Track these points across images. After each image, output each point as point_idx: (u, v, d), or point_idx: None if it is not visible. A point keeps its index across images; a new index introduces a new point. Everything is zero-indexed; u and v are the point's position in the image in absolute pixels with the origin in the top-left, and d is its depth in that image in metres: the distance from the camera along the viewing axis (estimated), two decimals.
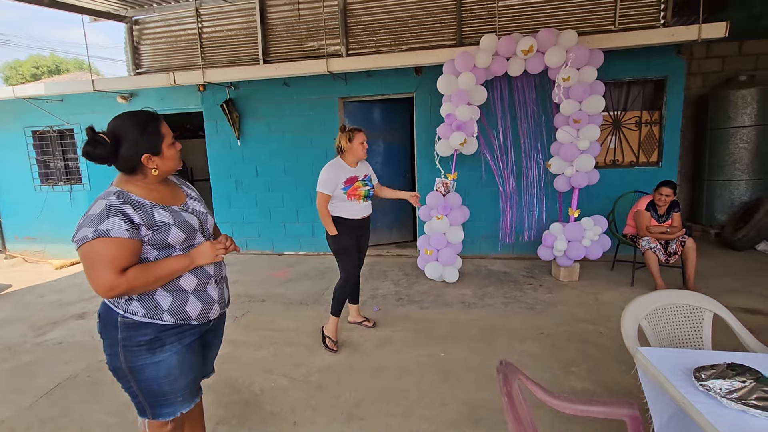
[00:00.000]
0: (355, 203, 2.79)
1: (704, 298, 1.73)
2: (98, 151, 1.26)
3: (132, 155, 1.31)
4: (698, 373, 1.20)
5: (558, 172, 4.08)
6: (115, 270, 1.21)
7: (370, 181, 2.89)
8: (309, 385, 2.49)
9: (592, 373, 2.49)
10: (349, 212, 2.80)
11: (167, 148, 1.38)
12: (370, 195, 2.88)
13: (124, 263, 1.24)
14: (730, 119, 5.01)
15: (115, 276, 1.21)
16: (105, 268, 1.21)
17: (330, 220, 2.79)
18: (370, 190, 2.86)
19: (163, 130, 1.37)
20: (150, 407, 1.40)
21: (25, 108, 5.96)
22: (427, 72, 4.82)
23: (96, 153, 1.26)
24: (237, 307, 3.79)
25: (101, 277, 1.21)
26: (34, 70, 22.83)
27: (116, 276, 1.21)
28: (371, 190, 2.88)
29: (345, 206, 2.78)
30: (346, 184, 2.74)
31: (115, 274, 1.21)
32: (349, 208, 2.79)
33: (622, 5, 4.30)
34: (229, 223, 5.76)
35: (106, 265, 1.21)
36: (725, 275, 4.07)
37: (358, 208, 2.82)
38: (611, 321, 3.16)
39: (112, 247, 1.21)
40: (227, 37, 5.34)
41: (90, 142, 1.26)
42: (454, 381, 2.47)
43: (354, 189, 2.76)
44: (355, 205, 2.80)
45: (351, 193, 2.75)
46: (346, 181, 2.74)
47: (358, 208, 2.82)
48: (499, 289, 3.99)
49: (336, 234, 2.79)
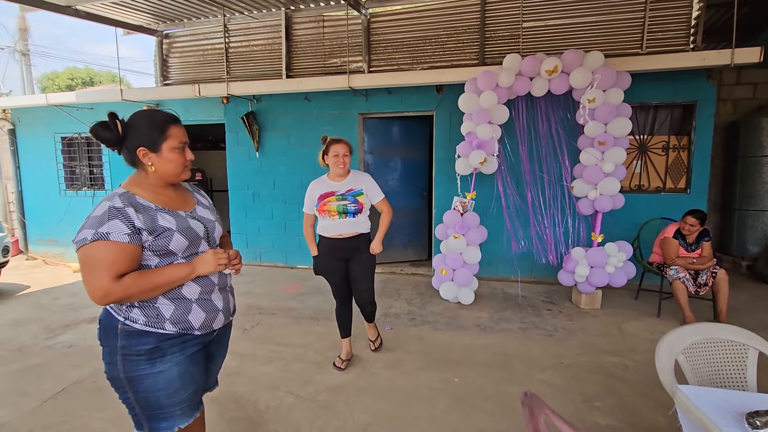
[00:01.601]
0: (327, 219, 2.62)
1: (748, 334, 1.59)
2: (104, 134, 1.26)
3: (131, 146, 1.29)
4: (752, 419, 1.07)
5: (581, 194, 3.96)
6: (112, 275, 1.17)
7: (353, 197, 2.63)
8: (316, 405, 2.38)
9: (618, 409, 2.32)
10: (322, 229, 2.68)
11: (169, 149, 1.32)
12: (350, 211, 2.62)
13: (123, 268, 1.19)
14: (763, 147, 4.82)
15: (110, 281, 1.16)
16: (101, 272, 1.16)
17: (312, 240, 2.72)
18: (348, 205, 2.61)
19: (170, 131, 1.32)
20: (147, 420, 1.33)
21: (57, 115, 6.17)
22: (448, 90, 4.81)
23: (101, 134, 1.26)
24: (247, 319, 3.73)
25: (97, 281, 1.16)
26: (70, 81, 23.87)
27: (112, 282, 1.16)
28: (351, 206, 2.61)
29: (321, 222, 2.67)
30: (318, 200, 2.63)
31: (111, 279, 1.16)
32: (322, 225, 2.68)
33: (650, 29, 4.23)
34: (244, 234, 5.77)
35: (103, 270, 1.16)
36: (759, 310, 3.83)
37: (330, 224, 2.63)
38: (637, 353, 2.98)
39: (111, 251, 1.17)
40: (252, 51, 5.45)
41: (101, 123, 1.27)
42: (469, 409, 2.34)
43: (324, 204, 2.61)
44: (327, 222, 2.64)
45: (321, 208, 2.62)
46: (319, 196, 2.63)
47: (330, 225, 2.63)
48: (517, 313, 3.84)
49: (315, 255, 2.71)
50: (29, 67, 9.09)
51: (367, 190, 2.69)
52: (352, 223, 2.65)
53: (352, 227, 2.65)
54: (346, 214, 2.62)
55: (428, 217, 5.66)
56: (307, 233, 2.74)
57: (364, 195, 2.66)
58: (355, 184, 2.67)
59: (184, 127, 1.38)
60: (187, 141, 1.38)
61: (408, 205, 5.58)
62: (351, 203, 2.62)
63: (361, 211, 2.66)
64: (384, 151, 5.42)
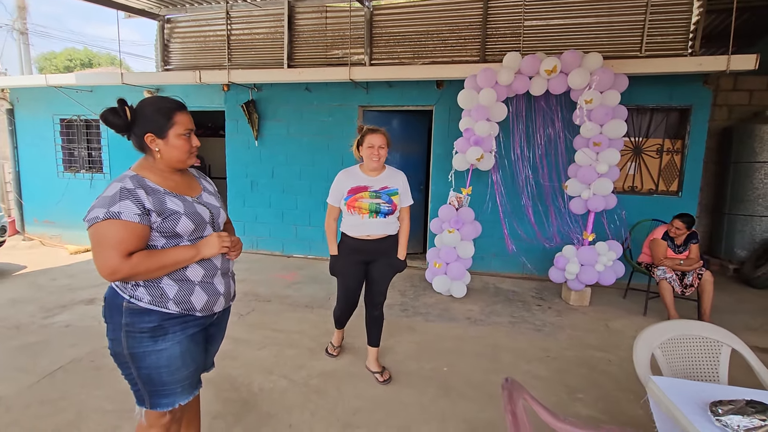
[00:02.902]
0: (356, 217, 2.35)
1: (723, 332, 1.66)
2: (113, 120, 1.31)
3: (139, 132, 1.34)
4: (714, 407, 1.15)
5: (574, 194, 4.03)
6: (121, 253, 1.22)
7: (388, 196, 2.37)
8: (308, 389, 2.46)
9: (599, 401, 2.41)
10: (348, 227, 2.40)
11: (176, 136, 1.36)
12: (383, 211, 2.35)
13: (131, 247, 1.24)
14: (756, 153, 4.91)
15: (120, 259, 1.22)
16: (111, 249, 1.21)
17: (333, 236, 2.45)
18: (382, 205, 2.34)
19: (177, 118, 1.36)
20: (149, 396, 1.38)
21: (56, 96, 6.15)
22: (449, 86, 4.85)
23: (110, 120, 1.31)
24: (243, 305, 3.80)
25: (106, 258, 1.21)
26: (68, 62, 23.60)
27: (121, 259, 1.22)
28: (385, 206, 2.35)
29: (347, 220, 2.40)
30: (348, 193, 2.35)
31: (120, 257, 1.22)
32: (348, 223, 2.40)
33: (650, 32, 4.27)
34: (242, 222, 5.81)
35: (113, 247, 1.21)
36: (742, 312, 3.93)
37: (358, 223, 2.35)
38: (621, 349, 3.07)
39: (121, 229, 1.22)
40: (254, 40, 5.45)
41: (111, 109, 1.32)
42: (456, 397, 2.42)
43: (354, 199, 2.33)
44: (355, 220, 2.36)
45: (350, 203, 2.34)
46: (350, 189, 2.35)
47: (358, 224, 2.36)
48: (507, 307, 3.93)
49: (335, 254, 2.45)
50: (27, 47, 8.99)
51: (403, 191, 2.44)
52: (383, 224, 2.38)
53: (381, 228, 2.39)
54: (377, 214, 2.35)
55: (424, 211, 5.72)
56: (329, 228, 2.46)
57: (399, 195, 2.42)
58: (391, 181, 2.40)
59: (190, 115, 1.43)
60: (193, 128, 1.43)
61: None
62: (385, 203, 2.36)
63: (394, 212, 2.41)
64: (387, 139, 5.44)
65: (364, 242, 2.39)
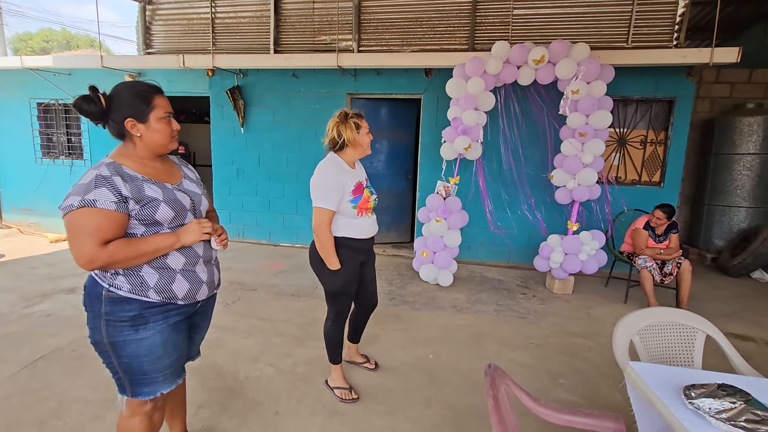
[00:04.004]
0: (365, 219, 2.08)
1: (698, 319, 1.72)
2: (88, 107, 1.27)
3: (118, 118, 1.30)
4: (688, 391, 1.19)
5: (560, 184, 4.07)
6: (98, 241, 1.20)
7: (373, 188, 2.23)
8: (294, 377, 2.47)
9: (580, 387, 2.48)
10: (357, 231, 2.06)
11: (156, 120, 1.33)
12: (375, 206, 2.18)
13: (108, 235, 1.22)
14: (735, 145, 5.02)
15: (96, 247, 1.19)
16: (87, 238, 1.19)
17: (333, 248, 1.99)
18: (377, 198, 2.19)
19: (156, 102, 1.34)
20: (130, 385, 1.38)
21: (32, 79, 5.93)
22: (437, 74, 4.82)
23: (84, 108, 1.27)
24: (229, 294, 3.78)
25: (82, 247, 1.19)
26: (44, 44, 22.78)
27: (98, 248, 1.19)
28: (377, 200, 2.20)
29: (351, 224, 2.05)
30: (354, 195, 2.01)
31: (97, 245, 1.19)
32: (357, 226, 2.06)
33: (636, 23, 4.30)
34: (228, 210, 5.74)
35: (89, 235, 1.19)
36: (718, 300, 4.06)
37: (367, 224, 2.10)
38: (602, 336, 3.15)
39: (97, 217, 1.19)
40: (239, 23, 5.32)
41: (84, 97, 1.27)
42: (441, 384, 2.46)
43: (364, 201, 2.05)
44: (364, 222, 2.07)
45: (361, 206, 2.03)
46: (354, 189, 2.01)
47: (368, 224, 2.10)
48: (493, 296, 3.98)
49: (338, 268, 2.02)
50: (1, 27, 8.63)
51: None
52: (375, 219, 2.21)
53: (376, 225, 2.22)
54: (373, 210, 2.17)
55: (412, 200, 5.73)
56: (329, 239, 1.98)
57: None
58: (363, 172, 2.23)
59: (167, 98, 1.40)
60: (172, 111, 1.40)
61: (392, 188, 5.64)
62: (376, 195, 2.20)
63: None
64: (371, 133, 5.40)
65: (367, 242, 2.15)
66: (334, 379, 2.33)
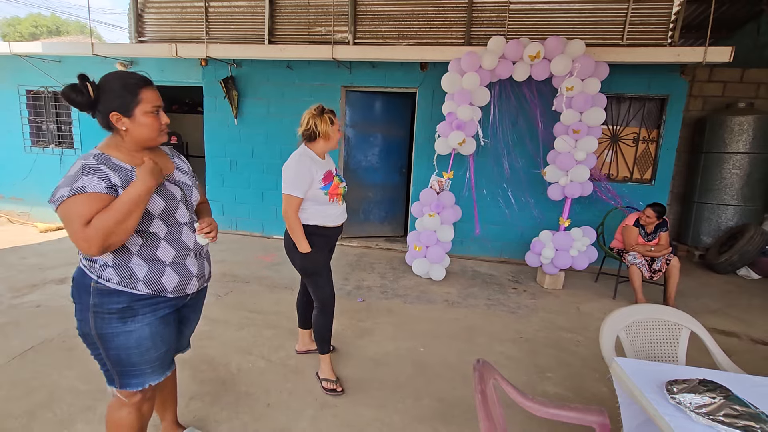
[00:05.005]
0: (335, 206, 2.24)
1: (683, 316, 1.75)
2: (75, 97, 1.25)
3: (104, 111, 1.28)
4: (670, 386, 1.22)
5: (552, 180, 4.10)
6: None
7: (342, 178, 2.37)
8: (286, 369, 2.49)
9: (567, 380, 2.52)
10: (328, 218, 2.22)
11: (143, 114, 1.30)
12: (345, 193, 2.33)
13: None
14: (725, 144, 5.08)
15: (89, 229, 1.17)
16: (82, 224, 1.17)
17: (302, 232, 2.16)
18: (346, 187, 2.34)
19: (143, 95, 1.30)
20: (118, 376, 1.38)
21: (21, 66, 5.82)
22: (433, 68, 4.80)
23: (72, 98, 1.25)
24: (221, 286, 3.77)
25: (80, 233, 1.17)
26: (33, 29, 22.29)
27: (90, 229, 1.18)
28: (346, 187, 2.35)
29: (322, 211, 2.20)
30: (324, 182, 2.17)
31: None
32: (328, 213, 2.22)
33: (632, 21, 4.31)
34: (221, 202, 5.71)
35: (85, 222, 1.17)
36: (704, 296, 4.14)
37: (338, 212, 2.27)
38: (590, 331, 3.21)
39: (89, 202, 1.18)
40: (234, 13, 5.25)
41: (72, 86, 1.25)
42: (431, 376, 2.49)
43: (335, 187, 2.21)
44: (334, 209, 2.24)
45: (332, 192, 2.20)
46: (324, 177, 2.17)
47: (338, 212, 2.27)
48: (484, 290, 4.02)
49: (309, 251, 2.19)
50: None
51: None
52: (345, 209, 2.35)
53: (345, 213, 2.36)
54: (343, 199, 2.32)
55: (406, 194, 5.74)
56: (297, 223, 2.16)
57: None
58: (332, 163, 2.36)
59: (157, 90, 1.36)
60: (161, 104, 1.36)
61: (386, 182, 5.64)
62: (346, 184, 2.33)
63: None
64: (365, 126, 5.40)
65: (336, 230, 2.30)
66: (323, 370, 2.37)
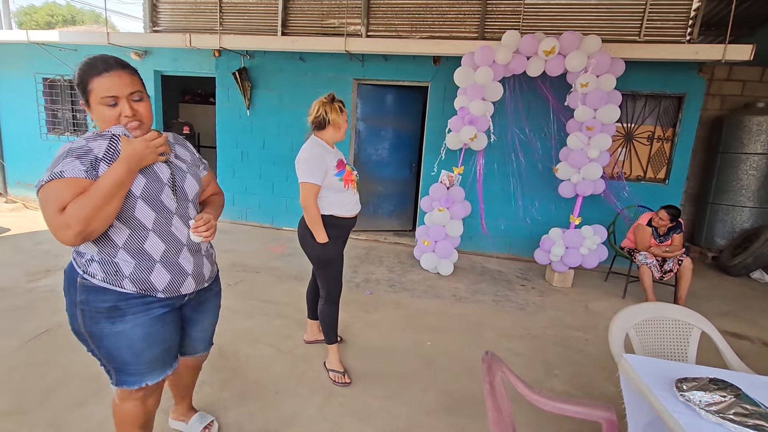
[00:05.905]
0: (350, 193, 2.21)
1: (694, 315, 1.74)
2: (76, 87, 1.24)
3: None
4: (680, 384, 1.21)
5: (564, 177, 4.06)
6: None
7: None
8: (295, 358, 2.52)
9: (574, 378, 2.52)
10: (343, 207, 2.19)
11: (96, 103, 1.20)
12: (358, 180, 2.32)
13: None
14: (743, 145, 4.97)
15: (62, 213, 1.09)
16: (58, 209, 1.08)
17: (321, 221, 2.13)
18: (357, 174, 2.31)
19: (93, 84, 1.18)
20: (114, 373, 1.31)
21: (38, 54, 5.90)
22: (445, 62, 4.77)
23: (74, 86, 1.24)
24: (231, 275, 3.82)
25: (54, 219, 1.07)
26: (49, 18, 22.53)
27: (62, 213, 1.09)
28: (358, 175, 2.33)
29: (338, 199, 2.18)
30: (339, 169, 2.14)
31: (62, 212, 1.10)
32: (344, 202, 2.19)
33: (650, 17, 4.23)
34: (231, 192, 5.76)
35: (60, 207, 1.08)
36: (716, 298, 4.08)
37: (353, 200, 2.24)
38: (598, 330, 3.19)
39: (66, 188, 1.09)
40: (247, 4, 5.26)
41: None
42: (438, 370, 2.50)
43: (348, 173, 2.18)
44: (350, 196, 2.21)
45: (346, 178, 2.16)
46: (337, 165, 2.14)
47: (354, 201, 2.24)
48: (492, 286, 4.01)
49: (327, 241, 2.16)
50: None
51: None
52: (358, 198, 2.32)
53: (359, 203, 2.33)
54: (356, 187, 2.29)
55: (415, 188, 5.73)
56: (316, 212, 2.12)
57: None
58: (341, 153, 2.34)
59: (124, 77, 1.21)
60: (117, 95, 1.20)
61: (396, 176, 5.64)
62: (357, 173, 2.31)
63: None
64: (376, 120, 5.40)
65: (351, 220, 2.26)
66: (331, 360, 2.38)
